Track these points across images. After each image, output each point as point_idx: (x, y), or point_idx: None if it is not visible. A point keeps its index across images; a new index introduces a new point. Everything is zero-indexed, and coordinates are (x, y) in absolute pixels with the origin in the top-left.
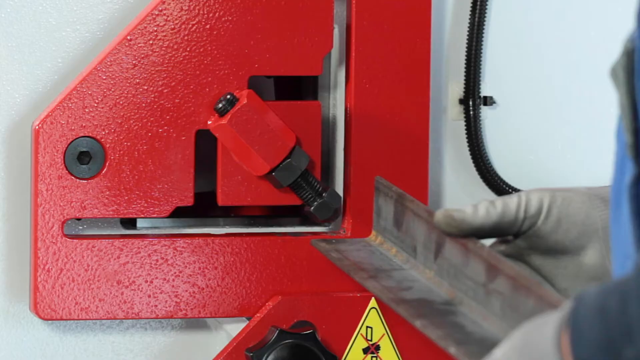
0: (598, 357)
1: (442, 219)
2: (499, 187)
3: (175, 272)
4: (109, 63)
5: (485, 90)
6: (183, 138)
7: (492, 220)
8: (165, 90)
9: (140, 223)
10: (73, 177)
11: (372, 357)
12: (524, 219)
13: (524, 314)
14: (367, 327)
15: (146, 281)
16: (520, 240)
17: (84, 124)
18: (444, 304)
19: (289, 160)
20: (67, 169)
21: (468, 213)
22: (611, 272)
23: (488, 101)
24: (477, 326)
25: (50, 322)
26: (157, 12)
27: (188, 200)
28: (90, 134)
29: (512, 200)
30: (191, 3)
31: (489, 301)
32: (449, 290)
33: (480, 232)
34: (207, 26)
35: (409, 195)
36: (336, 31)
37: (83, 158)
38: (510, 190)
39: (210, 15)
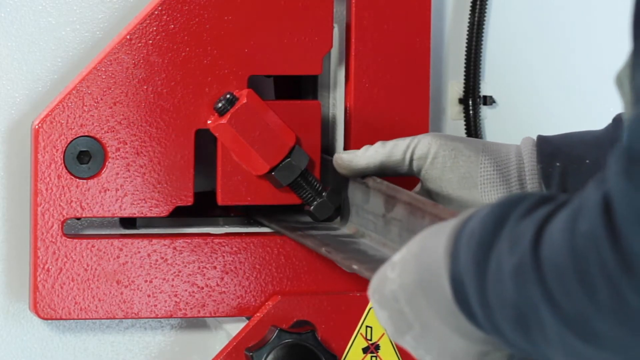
0: (463, 277)
1: (335, 162)
2: None
3: (174, 272)
4: (108, 63)
5: (485, 90)
6: (183, 138)
7: (377, 159)
8: (165, 90)
9: (140, 223)
10: (73, 177)
11: (371, 356)
12: (411, 160)
13: None
14: (366, 326)
15: (146, 281)
16: (422, 182)
17: (83, 124)
18: (347, 237)
19: (288, 159)
20: (66, 169)
21: (357, 154)
22: None
23: (488, 101)
24: (377, 251)
25: (50, 321)
26: (157, 12)
27: (188, 200)
28: (90, 134)
29: (403, 142)
30: (191, 3)
31: (388, 230)
32: (352, 227)
33: (367, 171)
34: (207, 26)
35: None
36: (336, 31)
37: (83, 157)
38: None
39: (210, 15)
